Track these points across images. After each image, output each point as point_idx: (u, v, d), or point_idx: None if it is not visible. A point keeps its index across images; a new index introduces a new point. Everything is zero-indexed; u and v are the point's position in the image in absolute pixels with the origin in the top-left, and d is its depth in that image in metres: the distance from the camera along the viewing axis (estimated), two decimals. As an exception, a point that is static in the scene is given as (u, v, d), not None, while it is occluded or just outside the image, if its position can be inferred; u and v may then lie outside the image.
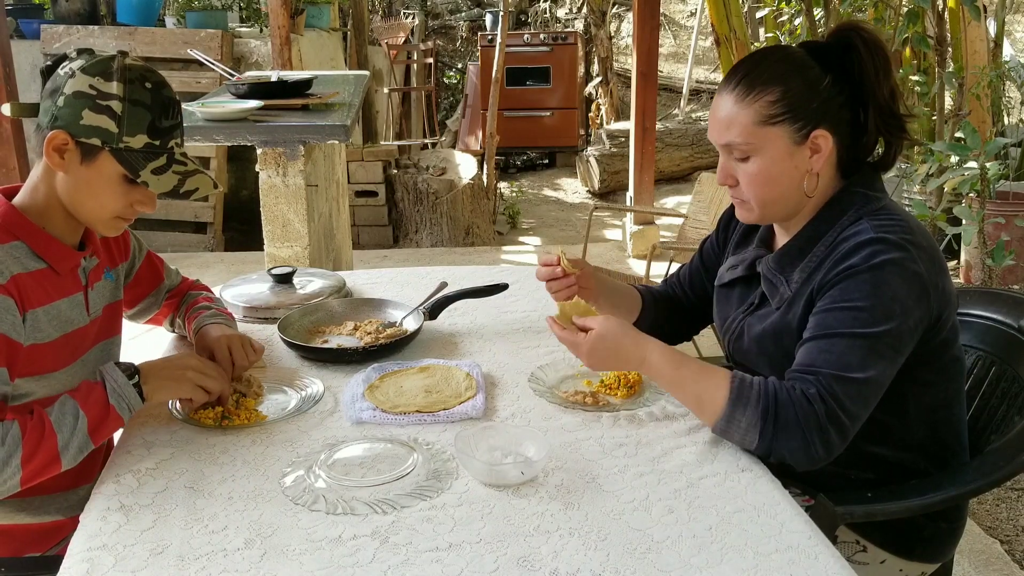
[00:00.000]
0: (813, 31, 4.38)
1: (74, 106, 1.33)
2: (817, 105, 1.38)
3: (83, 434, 1.28)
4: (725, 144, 1.41)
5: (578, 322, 1.41)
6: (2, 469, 1.21)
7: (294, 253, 2.94)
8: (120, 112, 1.34)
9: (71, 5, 6.03)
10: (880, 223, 1.36)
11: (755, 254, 1.55)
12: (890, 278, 1.31)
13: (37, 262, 1.38)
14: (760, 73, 1.39)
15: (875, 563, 1.50)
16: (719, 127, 1.42)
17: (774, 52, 1.44)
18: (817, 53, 1.41)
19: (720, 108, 1.42)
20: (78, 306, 1.45)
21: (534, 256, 6.25)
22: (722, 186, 1.47)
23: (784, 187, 1.40)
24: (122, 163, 1.36)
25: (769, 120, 1.37)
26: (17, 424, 1.24)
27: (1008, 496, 2.79)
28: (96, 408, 1.30)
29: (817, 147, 1.38)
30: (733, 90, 1.40)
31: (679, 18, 12.01)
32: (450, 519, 1.17)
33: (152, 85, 1.37)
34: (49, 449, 1.25)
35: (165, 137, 1.39)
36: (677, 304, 1.79)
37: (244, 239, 6.10)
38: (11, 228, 1.36)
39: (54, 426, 1.26)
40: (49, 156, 1.35)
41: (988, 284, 4.02)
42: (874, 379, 1.31)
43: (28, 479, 1.24)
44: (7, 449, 1.21)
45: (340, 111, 2.94)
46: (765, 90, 1.37)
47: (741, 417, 1.30)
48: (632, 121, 5.52)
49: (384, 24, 9.95)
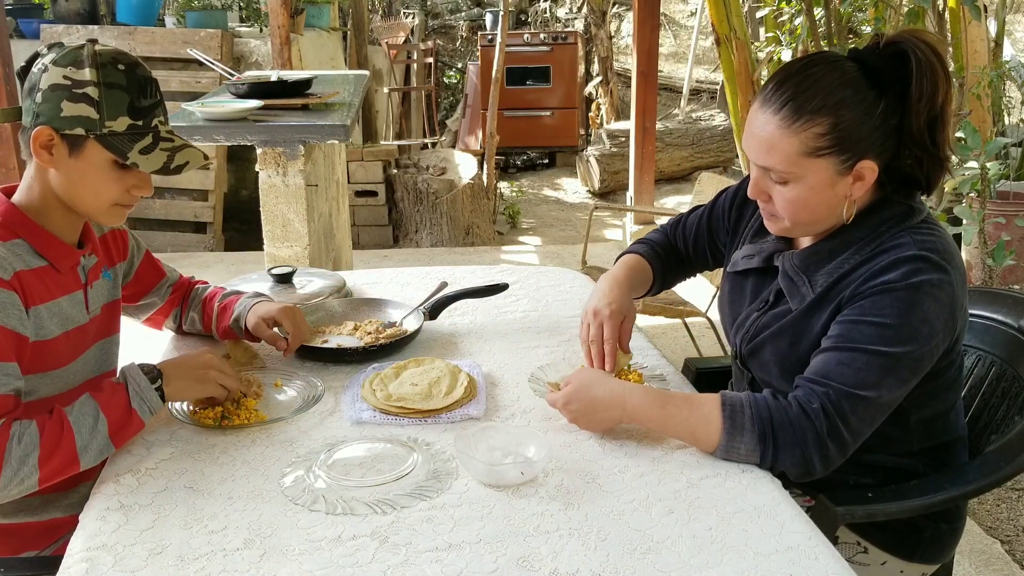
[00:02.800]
0: (813, 31, 4.38)
1: (52, 100, 1.33)
2: (867, 135, 1.29)
3: (103, 437, 1.28)
4: (765, 166, 1.33)
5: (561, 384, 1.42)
6: (19, 468, 1.21)
7: (294, 253, 2.94)
8: (97, 97, 1.34)
9: (71, 5, 6.03)
10: (923, 238, 1.31)
11: (774, 247, 1.49)
12: (924, 299, 1.27)
13: (38, 259, 1.38)
14: (810, 98, 1.28)
15: (875, 564, 1.49)
16: (759, 148, 1.32)
17: (827, 72, 1.30)
18: (871, 68, 1.30)
19: (762, 127, 1.32)
20: (78, 304, 1.45)
21: (534, 256, 6.25)
22: (751, 198, 1.41)
23: (821, 212, 1.35)
24: (109, 148, 1.35)
25: (815, 152, 1.29)
26: (35, 424, 1.24)
27: (1008, 496, 2.79)
28: (118, 411, 1.30)
29: (861, 176, 1.31)
30: (778, 111, 1.30)
31: (679, 18, 12.01)
32: (450, 519, 1.17)
33: (125, 67, 1.37)
34: (68, 450, 1.24)
35: (147, 116, 1.38)
36: (677, 255, 1.74)
37: (244, 239, 6.10)
38: (12, 226, 1.36)
39: (73, 427, 1.26)
40: (38, 154, 1.35)
41: (988, 284, 4.01)
42: (885, 399, 1.29)
43: (46, 479, 1.24)
44: (24, 448, 1.21)
45: (340, 111, 2.93)
46: (814, 120, 1.28)
47: (739, 444, 1.28)
48: (632, 121, 5.52)
49: (384, 24, 9.95)
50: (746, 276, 1.55)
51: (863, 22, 4.96)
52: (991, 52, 5.00)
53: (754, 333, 1.48)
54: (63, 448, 1.24)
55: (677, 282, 1.80)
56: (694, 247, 1.72)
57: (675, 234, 1.75)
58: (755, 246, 1.54)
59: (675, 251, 1.74)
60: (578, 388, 1.37)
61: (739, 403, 1.30)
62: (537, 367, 1.62)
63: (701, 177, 3.91)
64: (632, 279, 1.65)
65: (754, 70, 5.00)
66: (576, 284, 2.16)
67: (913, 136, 1.30)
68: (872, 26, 4.66)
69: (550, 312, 1.95)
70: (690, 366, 1.89)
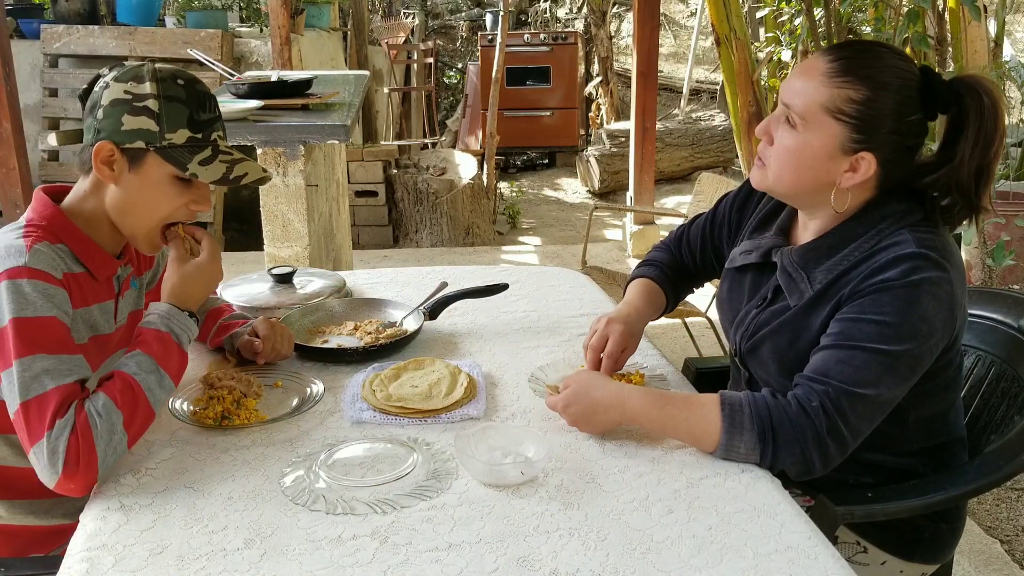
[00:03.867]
0: (813, 31, 4.38)
1: (113, 114, 1.35)
2: (886, 131, 1.31)
3: (169, 384, 1.34)
4: (786, 102, 1.35)
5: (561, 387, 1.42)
6: (110, 438, 1.23)
7: (294, 253, 2.94)
8: (157, 110, 1.36)
9: (71, 5, 6.03)
10: (922, 236, 1.31)
11: (772, 242, 1.49)
12: (923, 297, 1.27)
13: (78, 266, 1.39)
14: (864, 65, 1.31)
15: (875, 564, 1.49)
16: (793, 86, 1.35)
17: (891, 58, 1.33)
18: (931, 85, 1.32)
19: (807, 68, 1.35)
20: (107, 313, 1.47)
21: (534, 256, 6.25)
22: (757, 137, 1.43)
23: (806, 179, 1.36)
24: (168, 160, 1.37)
25: (836, 113, 1.31)
26: (104, 394, 1.26)
27: (1008, 496, 2.79)
28: (173, 359, 1.36)
29: (856, 167, 1.33)
30: (831, 62, 1.32)
31: (679, 18, 12.01)
32: (450, 519, 1.17)
33: (184, 81, 1.39)
34: (144, 407, 1.29)
35: (206, 130, 1.40)
36: (685, 271, 1.75)
37: (244, 239, 6.10)
38: (57, 231, 1.38)
39: (143, 386, 1.29)
40: (99, 169, 1.36)
41: (988, 284, 4.01)
42: (885, 397, 1.29)
43: (133, 439, 1.28)
44: (107, 420, 1.23)
45: (340, 111, 2.94)
46: (855, 85, 1.30)
47: (739, 444, 1.28)
48: (632, 121, 5.52)
49: (384, 24, 9.95)
50: (744, 272, 1.55)
51: (863, 22, 4.95)
52: (991, 52, 5.00)
53: (753, 330, 1.47)
54: (141, 408, 1.28)
55: (687, 295, 1.81)
56: (701, 258, 1.72)
57: (680, 250, 1.75)
58: (753, 242, 1.54)
59: (682, 267, 1.75)
60: (577, 390, 1.37)
61: (738, 402, 1.30)
62: (537, 367, 1.62)
63: (701, 177, 3.91)
64: (649, 306, 1.67)
65: (754, 70, 5.00)
66: (576, 284, 2.16)
67: (961, 183, 1.31)
68: (872, 26, 4.66)
69: (550, 312, 1.95)
70: (690, 366, 1.89)
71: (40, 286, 1.27)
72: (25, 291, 1.26)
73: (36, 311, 1.25)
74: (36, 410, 1.21)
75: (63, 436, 1.19)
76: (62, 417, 1.20)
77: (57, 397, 1.21)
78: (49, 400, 1.21)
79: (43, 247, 1.32)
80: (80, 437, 1.20)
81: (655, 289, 1.70)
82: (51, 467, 1.19)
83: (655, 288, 1.70)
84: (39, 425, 1.20)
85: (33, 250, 1.30)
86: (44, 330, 1.25)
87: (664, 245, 1.78)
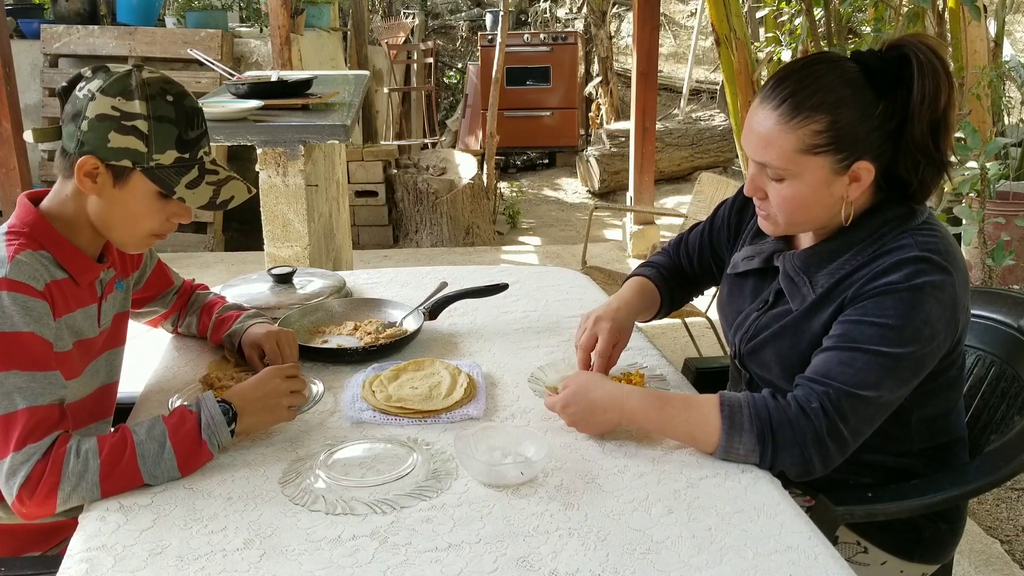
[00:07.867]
0: (813, 31, 4.38)
1: (99, 130, 1.32)
2: (864, 136, 1.29)
3: (171, 465, 1.25)
4: (760, 161, 1.34)
5: (560, 388, 1.41)
6: (77, 484, 1.19)
7: (294, 253, 2.94)
8: (147, 131, 1.33)
9: (71, 5, 6.03)
10: (925, 240, 1.31)
11: (774, 247, 1.49)
12: (927, 300, 1.27)
13: (60, 272, 1.37)
14: (810, 95, 1.28)
15: (875, 564, 1.49)
16: (757, 143, 1.33)
17: (828, 71, 1.30)
18: (872, 70, 1.30)
19: (760, 123, 1.32)
20: (90, 318, 1.45)
21: (534, 256, 6.25)
22: (748, 196, 1.41)
23: (816, 212, 1.35)
24: (155, 181, 1.35)
25: (812, 150, 1.29)
26: (95, 440, 1.22)
27: (1008, 496, 2.79)
28: (187, 442, 1.27)
29: (857, 177, 1.31)
30: (777, 108, 1.30)
31: (679, 18, 12.01)
32: (450, 519, 1.17)
33: (173, 97, 1.36)
34: (129, 468, 1.22)
35: (193, 148, 1.38)
36: (683, 276, 1.75)
37: (244, 239, 6.10)
38: (39, 237, 1.35)
39: (137, 448, 1.23)
40: (81, 182, 1.34)
41: (988, 284, 4.01)
42: (886, 399, 1.29)
43: (109, 493, 1.22)
44: (82, 463, 1.19)
45: (340, 111, 2.93)
46: (812, 117, 1.28)
47: (738, 445, 1.28)
48: (632, 121, 5.52)
49: (384, 24, 9.95)
50: (745, 277, 1.55)
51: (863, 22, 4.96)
52: (991, 52, 5.00)
53: (754, 333, 1.48)
54: (124, 466, 1.22)
55: (685, 302, 1.80)
56: (699, 263, 1.72)
57: (678, 254, 1.75)
58: (755, 247, 1.54)
59: (680, 271, 1.75)
60: (576, 391, 1.37)
61: (737, 403, 1.30)
62: (537, 367, 1.62)
63: (701, 177, 3.91)
64: (640, 301, 1.66)
65: (754, 70, 5.00)
66: (576, 284, 2.16)
67: (916, 140, 1.30)
68: (872, 26, 4.66)
69: (550, 312, 1.95)
70: (690, 366, 1.89)
71: (20, 299, 1.25)
72: (4, 304, 1.23)
73: (13, 326, 1.23)
74: (2, 428, 1.20)
75: (30, 461, 1.18)
76: (35, 442, 1.19)
77: (26, 417, 1.20)
78: (17, 419, 1.19)
79: (25, 256, 1.29)
80: (48, 470, 1.18)
81: (648, 286, 1.70)
82: (6, 486, 1.19)
83: (649, 286, 1.70)
84: (3, 443, 1.19)
85: (15, 260, 1.27)
86: (19, 346, 1.23)
87: (664, 250, 1.79)
